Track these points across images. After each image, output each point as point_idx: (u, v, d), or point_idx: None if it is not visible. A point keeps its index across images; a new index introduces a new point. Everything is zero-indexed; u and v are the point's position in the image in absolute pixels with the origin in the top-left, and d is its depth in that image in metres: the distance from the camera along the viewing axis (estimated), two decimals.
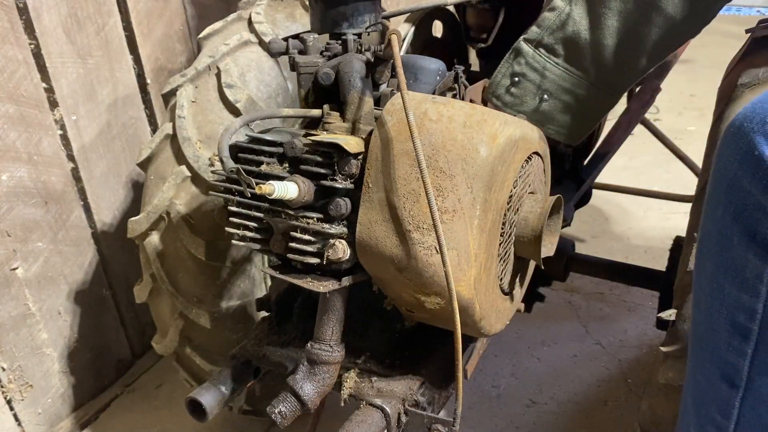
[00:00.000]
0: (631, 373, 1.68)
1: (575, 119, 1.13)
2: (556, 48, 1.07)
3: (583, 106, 1.11)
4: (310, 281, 0.88)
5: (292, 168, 0.87)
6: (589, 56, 1.07)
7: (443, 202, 0.79)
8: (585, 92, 1.10)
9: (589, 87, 1.09)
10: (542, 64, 1.08)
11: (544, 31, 1.07)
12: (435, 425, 0.92)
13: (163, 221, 1.23)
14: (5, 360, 1.41)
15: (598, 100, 1.11)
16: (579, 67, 1.08)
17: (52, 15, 1.35)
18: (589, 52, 1.06)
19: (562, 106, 1.10)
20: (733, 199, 0.61)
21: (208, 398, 0.96)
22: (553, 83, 1.09)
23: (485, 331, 0.91)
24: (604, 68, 1.07)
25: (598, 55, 1.06)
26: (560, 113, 1.11)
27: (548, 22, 1.07)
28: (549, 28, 1.07)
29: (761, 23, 1.13)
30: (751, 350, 0.64)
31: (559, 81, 1.09)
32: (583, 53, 1.07)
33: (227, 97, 1.19)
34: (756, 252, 0.60)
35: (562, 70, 1.08)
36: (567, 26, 1.05)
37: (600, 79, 1.08)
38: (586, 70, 1.08)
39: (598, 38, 1.04)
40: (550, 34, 1.07)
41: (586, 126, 1.15)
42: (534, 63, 1.09)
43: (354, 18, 0.94)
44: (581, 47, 1.06)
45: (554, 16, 1.06)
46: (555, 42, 1.07)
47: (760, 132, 0.57)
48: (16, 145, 1.33)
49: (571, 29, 1.05)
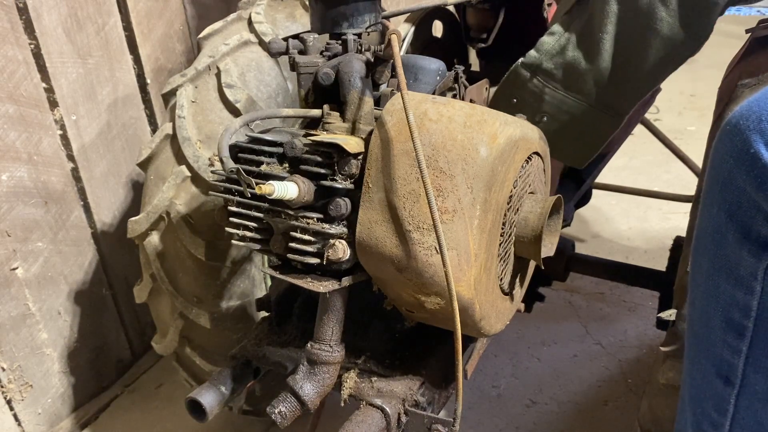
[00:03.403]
0: (631, 373, 1.68)
1: (579, 142, 1.13)
2: (555, 73, 1.07)
3: (586, 128, 1.11)
4: (310, 281, 0.87)
5: (292, 168, 0.87)
6: (590, 80, 1.06)
7: (443, 202, 0.79)
8: (586, 115, 1.09)
9: (589, 110, 1.09)
10: (540, 89, 1.08)
11: (543, 55, 1.07)
12: (435, 425, 0.92)
13: (163, 221, 1.23)
14: (5, 360, 1.41)
15: (600, 123, 1.11)
16: (579, 92, 1.08)
17: (52, 15, 1.35)
18: (590, 77, 1.06)
19: (561, 126, 1.10)
20: (727, 196, 0.61)
21: (208, 398, 0.96)
22: (552, 106, 1.09)
23: (485, 331, 0.91)
24: (605, 91, 1.07)
25: (598, 78, 1.06)
26: (560, 134, 1.11)
27: (547, 46, 1.07)
28: (548, 53, 1.07)
29: (761, 23, 1.13)
30: (746, 347, 0.65)
31: (558, 104, 1.09)
32: (584, 78, 1.06)
33: (227, 97, 1.19)
34: (750, 249, 0.60)
35: (561, 94, 1.08)
36: (567, 51, 1.05)
37: (601, 102, 1.08)
38: (587, 94, 1.08)
39: (598, 62, 1.05)
40: (550, 59, 1.07)
41: (591, 149, 1.14)
42: (533, 88, 1.09)
43: (354, 18, 0.94)
44: (581, 72, 1.06)
45: (553, 41, 1.06)
46: (555, 67, 1.07)
47: (755, 130, 0.57)
48: (16, 145, 1.33)
49: (571, 54, 1.05)
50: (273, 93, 1.25)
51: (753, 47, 1.08)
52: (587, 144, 1.14)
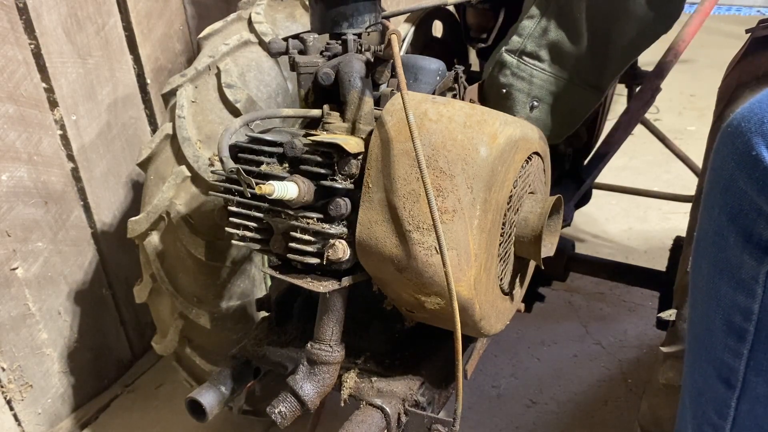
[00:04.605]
0: (631, 373, 1.67)
1: (561, 119, 1.16)
2: (541, 54, 1.10)
3: (570, 106, 1.15)
4: (310, 281, 0.88)
5: (292, 168, 0.87)
6: (573, 58, 1.10)
7: (443, 202, 0.79)
8: (571, 93, 1.14)
9: (574, 87, 1.12)
10: (529, 72, 1.11)
11: (525, 39, 1.10)
12: (435, 425, 0.92)
13: (163, 221, 1.23)
14: (5, 360, 1.41)
15: (583, 99, 1.15)
16: (564, 68, 1.12)
17: (52, 15, 1.35)
18: (573, 55, 1.10)
19: (551, 109, 1.13)
20: (729, 199, 0.61)
21: (208, 398, 0.96)
22: (542, 88, 1.12)
23: (485, 331, 0.91)
24: (586, 68, 1.11)
25: (580, 56, 1.10)
26: (550, 116, 1.14)
27: (528, 30, 1.10)
28: (531, 35, 1.10)
29: (761, 23, 1.13)
30: (746, 351, 0.64)
31: (546, 86, 1.12)
32: (567, 55, 1.10)
33: (227, 97, 1.19)
34: (751, 253, 0.60)
35: (548, 74, 1.11)
36: (549, 33, 1.09)
37: (582, 79, 1.12)
38: (570, 71, 1.12)
39: (580, 41, 1.09)
40: (533, 41, 1.10)
41: (571, 124, 1.19)
42: (520, 72, 1.11)
43: (354, 18, 0.94)
44: (565, 50, 1.10)
45: (534, 24, 1.10)
46: (539, 48, 1.11)
47: (757, 132, 0.57)
48: (16, 145, 1.33)
49: (554, 35, 1.09)
50: (273, 93, 1.25)
51: (753, 47, 1.08)
52: (568, 120, 1.19)
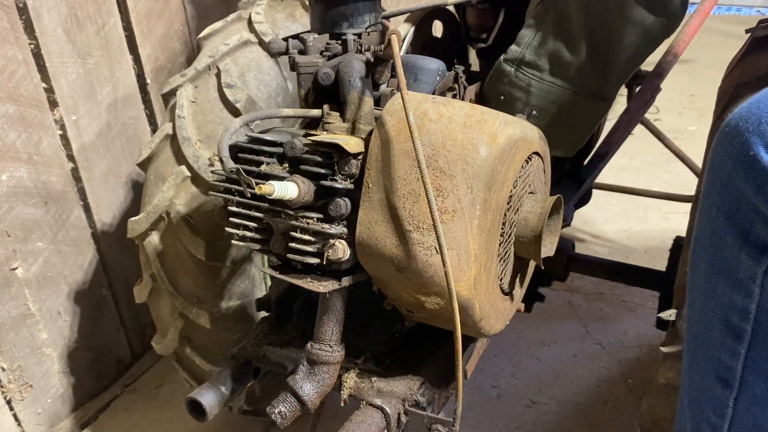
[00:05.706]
0: (631, 373, 1.67)
1: (568, 130, 1.14)
2: (540, 63, 1.09)
3: (577, 117, 1.13)
4: (310, 281, 0.88)
5: (292, 168, 0.87)
6: (573, 68, 1.09)
7: (443, 202, 0.79)
8: (576, 104, 1.11)
9: (575, 97, 1.10)
10: (526, 81, 1.10)
11: (524, 48, 1.09)
12: (435, 425, 0.92)
13: (162, 221, 1.23)
14: (5, 360, 1.41)
15: (590, 110, 1.12)
16: (564, 79, 1.10)
17: (52, 15, 1.35)
18: (574, 64, 1.09)
19: (552, 119, 1.11)
20: (726, 199, 0.61)
21: (208, 398, 0.96)
22: (540, 98, 1.11)
23: (485, 331, 0.91)
24: (588, 78, 1.09)
25: (580, 66, 1.08)
26: (552, 126, 1.12)
27: (527, 39, 1.09)
28: (529, 45, 1.09)
29: (761, 23, 1.13)
30: (744, 350, 0.64)
31: (546, 95, 1.11)
32: (567, 65, 1.09)
33: (227, 97, 1.19)
34: (749, 252, 0.60)
35: (548, 84, 1.10)
36: (548, 42, 1.07)
37: (585, 89, 1.10)
38: (571, 81, 1.10)
39: (579, 51, 1.06)
40: (532, 51, 1.09)
41: (580, 136, 1.16)
42: (518, 81, 1.11)
43: (354, 18, 0.94)
44: (565, 60, 1.08)
45: (532, 33, 1.09)
46: (538, 57, 1.09)
47: (755, 132, 0.57)
48: (16, 145, 1.33)
49: (553, 44, 1.07)
50: (273, 93, 1.25)
51: (753, 47, 1.08)
52: (576, 132, 1.16)
